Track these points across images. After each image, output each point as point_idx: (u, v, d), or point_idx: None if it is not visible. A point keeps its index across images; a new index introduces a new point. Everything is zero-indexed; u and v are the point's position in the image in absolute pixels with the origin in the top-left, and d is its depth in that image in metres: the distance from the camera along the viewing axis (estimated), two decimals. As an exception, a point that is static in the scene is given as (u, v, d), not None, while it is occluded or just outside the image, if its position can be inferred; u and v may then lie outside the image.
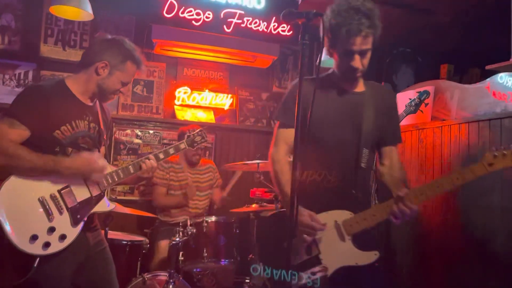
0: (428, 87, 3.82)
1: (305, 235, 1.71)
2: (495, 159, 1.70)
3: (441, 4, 3.97)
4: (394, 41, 4.92)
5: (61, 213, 1.90)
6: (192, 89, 4.37)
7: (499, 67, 2.84)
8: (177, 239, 2.71)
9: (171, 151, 2.22)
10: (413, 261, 3.62)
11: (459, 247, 3.19)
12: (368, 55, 1.81)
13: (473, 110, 3.33)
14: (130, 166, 2.08)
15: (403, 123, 3.21)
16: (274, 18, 3.98)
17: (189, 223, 2.78)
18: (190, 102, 4.35)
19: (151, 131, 4.24)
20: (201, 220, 2.79)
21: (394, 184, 1.90)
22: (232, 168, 3.65)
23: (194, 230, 2.73)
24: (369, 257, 1.75)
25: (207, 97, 4.40)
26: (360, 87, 1.96)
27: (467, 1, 3.89)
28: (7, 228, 1.77)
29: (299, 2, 4.07)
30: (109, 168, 2.05)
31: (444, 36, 4.60)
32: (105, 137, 2.16)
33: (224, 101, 4.47)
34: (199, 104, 4.38)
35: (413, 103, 3.02)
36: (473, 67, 4.85)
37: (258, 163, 3.14)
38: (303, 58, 1.48)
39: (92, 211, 2.00)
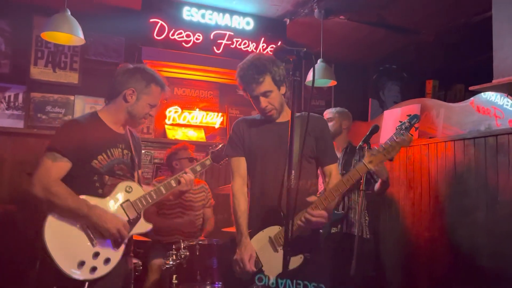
0: (415, 105, 3.92)
1: (236, 269, 2.02)
2: (371, 157, 2.02)
3: (426, 25, 4.09)
4: (380, 59, 5.04)
5: (102, 238, 2.00)
6: (183, 108, 4.41)
7: (481, 88, 2.92)
8: (171, 262, 2.73)
9: (198, 168, 2.32)
10: (402, 277, 3.68)
11: (446, 263, 3.26)
12: (273, 94, 2.11)
13: (459, 128, 3.43)
14: (161, 187, 2.19)
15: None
16: (263, 39, 4.05)
17: (182, 246, 2.79)
18: (181, 121, 4.38)
19: (142, 151, 4.24)
20: (194, 243, 2.80)
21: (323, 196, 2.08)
22: (223, 190, 3.68)
23: (187, 253, 2.74)
24: (297, 261, 2.00)
25: (198, 116, 4.44)
26: (285, 118, 2.20)
27: (450, 22, 4.01)
28: (56, 257, 1.88)
29: (287, 22, 4.16)
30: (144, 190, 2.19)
31: (429, 54, 4.74)
32: (136, 161, 2.26)
33: (215, 119, 4.51)
34: (189, 123, 4.42)
35: (403, 127, 3.07)
36: (457, 83, 4.99)
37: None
38: (294, 93, 1.53)
39: (130, 233, 2.10)
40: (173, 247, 2.84)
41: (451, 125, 3.52)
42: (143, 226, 2.17)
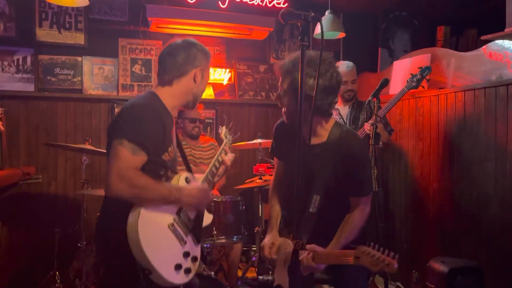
0: (425, 55, 3.85)
1: (262, 254, 2.01)
2: (362, 254, 1.60)
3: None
4: (391, 7, 4.88)
5: (186, 235, 1.85)
6: (190, 65, 4.37)
7: (493, 37, 2.86)
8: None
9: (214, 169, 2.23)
10: (411, 227, 3.79)
11: (454, 215, 3.34)
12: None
13: (469, 78, 3.39)
14: (209, 175, 2.14)
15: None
16: (269, -9, 3.94)
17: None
18: (189, 79, 4.37)
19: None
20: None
21: (336, 235, 1.91)
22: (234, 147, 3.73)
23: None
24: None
25: (206, 73, 4.42)
26: (322, 138, 1.94)
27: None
28: (154, 263, 1.66)
29: (294, -27, 4.02)
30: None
31: (440, 0, 4.57)
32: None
33: (223, 76, 4.49)
34: (197, 80, 4.40)
35: (414, 79, 3.05)
36: (470, 28, 4.84)
37: (260, 142, 3.21)
38: (303, 58, 1.53)
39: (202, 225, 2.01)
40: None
41: (462, 74, 3.47)
42: (208, 217, 2.09)
